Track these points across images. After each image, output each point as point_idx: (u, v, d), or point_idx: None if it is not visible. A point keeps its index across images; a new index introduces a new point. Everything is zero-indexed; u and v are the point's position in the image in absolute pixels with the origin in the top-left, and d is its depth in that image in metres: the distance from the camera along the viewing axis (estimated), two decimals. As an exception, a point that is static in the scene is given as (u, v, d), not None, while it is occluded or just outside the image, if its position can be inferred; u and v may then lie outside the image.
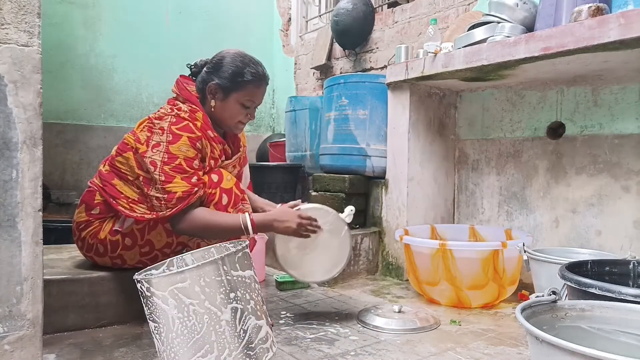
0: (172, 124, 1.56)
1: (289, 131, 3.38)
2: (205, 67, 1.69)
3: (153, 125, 1.59)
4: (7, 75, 0.99)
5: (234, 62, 1.64)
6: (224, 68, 1.64)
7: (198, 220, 1.53)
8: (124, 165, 1.62)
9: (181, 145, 1.54)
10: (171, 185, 1.50)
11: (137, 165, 1.58)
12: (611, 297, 1.09)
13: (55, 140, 3.54)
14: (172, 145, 1.53)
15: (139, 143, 1.58)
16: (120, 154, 1.63)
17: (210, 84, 1.64)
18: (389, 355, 1.46)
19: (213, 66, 1.67)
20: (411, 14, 3.04)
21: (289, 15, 4.41)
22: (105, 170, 1.66)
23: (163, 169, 1.51)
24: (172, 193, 1.50)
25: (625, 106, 1.98)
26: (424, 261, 1.99)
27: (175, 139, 1.54)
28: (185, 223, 1.53)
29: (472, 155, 2.57)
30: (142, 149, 1.56)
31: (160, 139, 1.54)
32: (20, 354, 1.02)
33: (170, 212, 1.51)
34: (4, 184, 1.00)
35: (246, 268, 1.18)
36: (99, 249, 1.65)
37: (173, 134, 1.54)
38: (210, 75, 1.66)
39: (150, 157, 1.53)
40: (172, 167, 1.51)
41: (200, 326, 1.08)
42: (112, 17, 3.78)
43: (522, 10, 2.00)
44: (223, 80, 1.63)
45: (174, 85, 1.72)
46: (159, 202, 1.52)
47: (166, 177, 1.50)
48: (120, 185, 1.61)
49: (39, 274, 1.04)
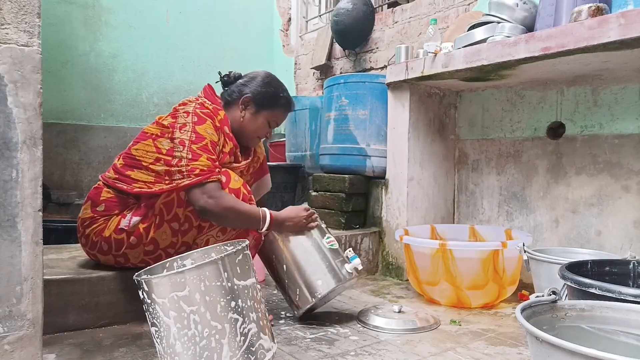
0: (196, 108, 1.65)
1: (289, 131, 3.38)
2: (241, 80, 1.82)
3: (177, 112, 1.67)
4: (7, 75, 0.99)
5: (271, 84, 1.81)
6: (262, 86, 1.78)
7: (226, 199, 1.57)
8: (139, 152, 1.66)
9: (207, 128, 1.62)
10: (197, 163, 1.55)
11: (157, 150, 1.63)
12: (611, 297, 1.09)
13: (55, 140, 3.54)
14: (198, 126, 1.60)
15: (163, 127, 1.64)
16: (138, 142, 1.68)
17: (246, 96, 1.76)
18: (389, 355, 1.46)
19: (249, 80, 1.80)
20: (411, 14, 3.05)
21: (289, 15, 4.41)
22: (120, 164, 1.69)
23: (191, 147, 1.56)
24: (195, 167, 1.54)
25: (625, 106, 1.98)
26: (424, 261, 2.00)
27: (200, 121, 1.62)
28: (213, 199, 1.54)
29: (472, 155, 2.57)
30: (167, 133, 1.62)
31: (186, 121, 1.61)
32: (20, 354, 1.02)
33: (189, 181, 1.54)
34: (4, 184, 1.00)
35: (247, 274, 1.18)
36: (102, 247, 1.65)
37: (198, 116, 1.63)
38: (246, 87, 1.78)
39: (179, 137, 1.58)
40: (200, 147, 1.57)
41: (201, 336, 1.07)
42: (112, 17, 3.78)
43: (522, 10, 2.00)
44: (259, 96, 1.77)
45: (201, 91, 1.80)
46: (181, 174, 1.55)
47: (194, 155, 1.55)
48: (134, 174, 1.65)
49: (39, 274, 1.04)
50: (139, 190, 1.62)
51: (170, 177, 1.58)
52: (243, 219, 1.62)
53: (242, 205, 1.61)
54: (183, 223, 1.63)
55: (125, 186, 1.64)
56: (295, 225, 1.71)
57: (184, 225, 1.63)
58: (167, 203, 1.61)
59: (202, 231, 1.66)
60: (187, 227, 1.63)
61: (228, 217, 1.61)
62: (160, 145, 1.62)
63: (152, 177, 1.62)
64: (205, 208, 1.55)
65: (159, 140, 1.63)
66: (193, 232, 1.65)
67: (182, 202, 1.60)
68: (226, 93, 1.82)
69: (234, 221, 1.64)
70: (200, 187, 1.54)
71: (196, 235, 1.67)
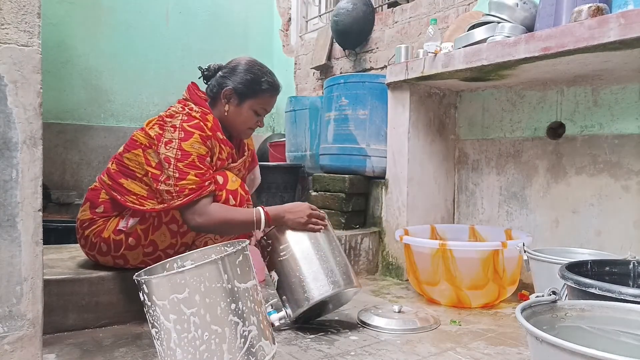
0: (183, 122, 1.58)
1: (289, 131, 3.38)
2: (221, 72, 1.73)
3: (164, 123, 1.60)
4: (7, 75, 0.99)
5: (251, 70, 1.70)
6: (241, 74, 1.69)
7: (216, 214, 1.54)
8: (132, 162, 1.63)
9: (193, 143, 1.56)
10: (185, 182, 1.52)
11: (146, 161, 1.59)
12: (611, 297, 1.09)
13: (55, 140, 3.54)
14: (184, 142, 1.55)
15: (149, 138, 1.60)
16: (129, 151, 1.64)
17: (226, 89, 1.68)
18: (389, 355, 1.46)
19: (229, 71, 1.71)
20: (411, 14, 3.04)
21: (289, 15, 4.41)
22: (113, 169, 1.67)
23: (177, 165, 1.53)
24: (184, 187, 1.52)
25: (625, 106, 1.98)
26: (424, 261, 1.99)
27: (187, 136, 1.56)
28: (202, 217, 1.53)
29: (472, 155, 2.57)
30: (153, 144, 1.58)
31: (172, 136, 1.56)
32: (20, 354, 1.02)
33: (180, 202, 1.52)
34: (4, 184, 1.00)
35: (247, 275, 1.18)
36: (101, 248, 1.65)
37: (185, 131, 1.56)
38: (226, 79, 1.70)
39: (164, 153, 1.55)
40: (186, 164, 1.53)
41: (201, 340, 1.07)
42: (112, 17, 3.78)
43: (522, 10, 2.00)
44: (239, 86, 1.68)
45: (185, 91, 1.74)
46: (170, 195, 1.53)
47: (180, 173, 1.52)
48: (127, 184, 1.62)
49: (39, 274, 1.04)
50: (132, 206, 1.59)
51: (161, 196, 1.57)
52: (238, 227, 1.60)
53: (233, 214, 1.57)
54: (181, 225, 1.62)
55: (119, 197, 1.61)
56: (295, 220, 1.63)
57: (183, 227, 1.63)
58: None
59: (201, 233, 1.66)
60: (185, 229, 1.63)
61: (223, 230, 1.61)
62: (149, 157, 1.59)
63: (145, 190, 1.60)
64: (199, 227, 1.55)
65: (148, 151, 1.60)
66: (192, 234, 1.65)
67: None
68: (208, 88, 1.75)
69: (229, 231, 1.63)
70: (191, 207, 1.53)
71: (195, 237, 1.67)
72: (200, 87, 1.76)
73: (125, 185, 1.62)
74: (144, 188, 1.61)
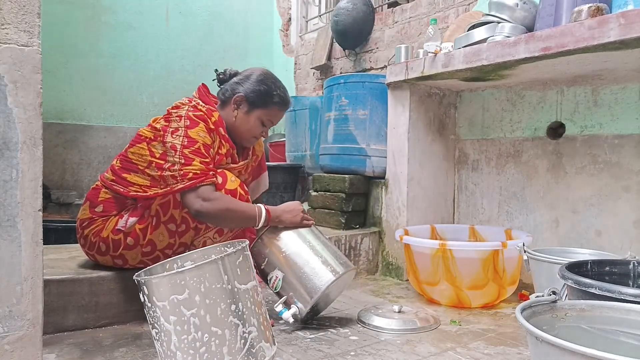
0: (189, 111, 1.62)
1: (289, 131, 3.38)
2: (235, 78, 1.78)
3: (170, 115, 1.64)
4: (7, 75, 0.99)
5: (265, 82, 1.75)
6: (255, 84, 1.74)
7: (221, 200, 1.56)
8: (135, 155, 1.65)
9: (199, 131, 1.60)
10: (190, 167, 1.54)
11: (150, 153, 1.61)
12: (611, 297, 1.09)
13: (55, 140, 3.54)
14: (190, 130, 1.58)
15: (155, 131, 1.62)
16: (133, 145, 1.67)
17: (238, 95, 1.72)
18: (389, 355, 1.46)
19: (244, 79, 1.76)
20: (411, 14, 3.05)
21: (289, 15, 4.41)
22: (117, 166, 1.69)
23: (183, 152, 1.55)
24: (188, 171, 1.54)
25: (625, 106, 1.98)
26: (424, 261, 1.99)
27: (193, 125, 1.60)
28: (208, 202, 1.54)
29: (472, 155, 2.57)
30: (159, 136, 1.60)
31: (178, 125, 1.59)
32: (20, 354, 1.02)
33: (184, 185, 1.54)
34: (4, 184, 1.00)
35: (248, 276, 1.18)
36: (100, 248, 1.65)
37: (191, 120, 1.60)
38: (239, 86, 1.74)
39: (171, 142, 1.57)
40: (192, 151, 1.56)
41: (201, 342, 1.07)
42: (112, 17, 3.78)
43: (522, 10, 2.00)
44: (251, 94, 1.73)
45: (196, 91, 1.78)
46: (175, 179, 1.55)
47: (186, 159, 1.54)
48: (130, 177, 1.64)
49: (39, 274, 1.04)
50: (135, 194, 1.62)
51: (165, 182, 1.58)
52: (239, 219, 1.63)
53: (237, 204, 1.61)
54: (180, 224, 1.63)
55: (122, 189, 1.64)
56: (291, 218, 1.68)
57: (181, 227, 1.63)
58: (163, 204, 1.61)
59: (199, 233, 1.66)
60: (184, 229, 1.63)
61: (224, 218, 1.61)
62: (153, 149, 1.61)
63: (147, 181, 1.62)
64: (201, 211, 1.55)
65: (153, 144, 1.62)
66: (190, 234, 1.65)
67: (178, 203, 1.61)
68: (221, 92, 1.79)
69: (230, 222, 1.64)
70: (194, 190, 1.54)
71: (194, 237, 1.67)
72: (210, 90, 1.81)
73: (128, 178, 1.64)
74: (147, 179, 1.62)
